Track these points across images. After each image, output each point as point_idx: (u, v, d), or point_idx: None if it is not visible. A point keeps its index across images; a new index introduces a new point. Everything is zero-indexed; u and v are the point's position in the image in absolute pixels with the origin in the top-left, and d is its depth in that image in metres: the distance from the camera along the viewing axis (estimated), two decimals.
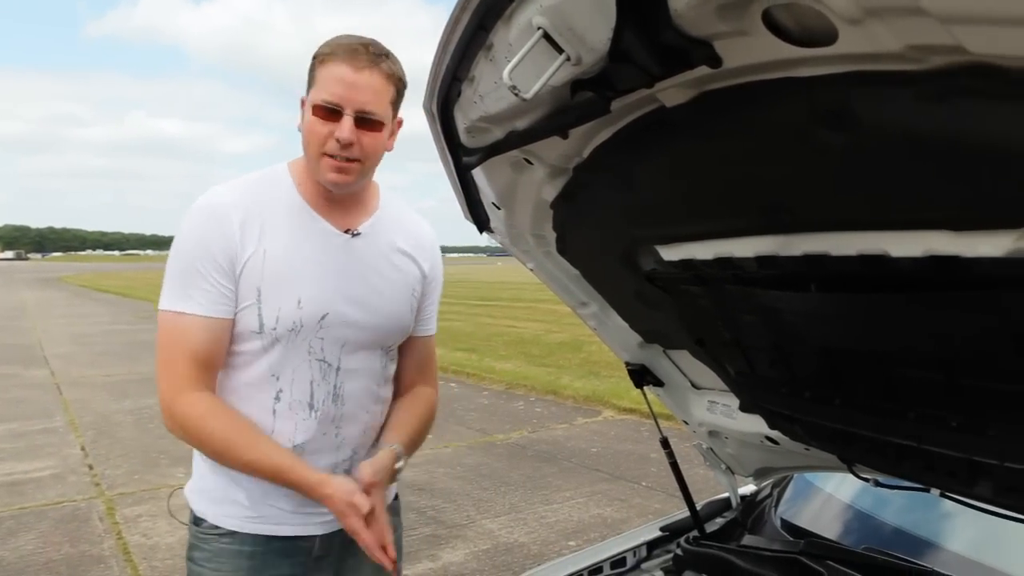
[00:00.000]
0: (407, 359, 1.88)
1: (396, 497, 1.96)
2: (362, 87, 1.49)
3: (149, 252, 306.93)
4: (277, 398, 1.64)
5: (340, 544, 1.89)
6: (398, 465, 1.74)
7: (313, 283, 1.61)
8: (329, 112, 1.49)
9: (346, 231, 1.65)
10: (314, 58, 1.53)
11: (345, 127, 1.49)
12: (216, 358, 1.59)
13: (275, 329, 1.59)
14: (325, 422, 1.69)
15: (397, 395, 1.89)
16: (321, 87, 1.49)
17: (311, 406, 1.67)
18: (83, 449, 7.06)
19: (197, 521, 1.73)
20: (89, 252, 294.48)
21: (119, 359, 13.02)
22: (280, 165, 1.68)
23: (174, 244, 1.60)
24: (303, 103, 1.57)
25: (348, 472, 1.70)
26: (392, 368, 1.81)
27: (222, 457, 1.61)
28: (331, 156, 1.52)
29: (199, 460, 1.76)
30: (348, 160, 1.53)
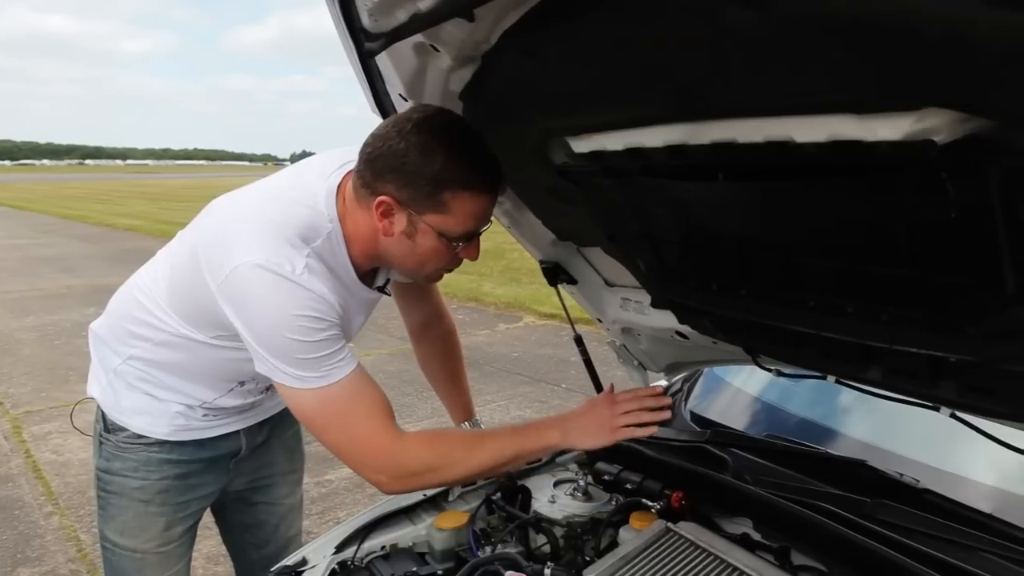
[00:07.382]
0: (414, 303, 2.01)
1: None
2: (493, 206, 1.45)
3: (45, 162, 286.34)
4: (231, 389, 1.65)
5: (259, 444, 1.90)
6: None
7: None
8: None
9: (377, 288, 1.60)
10: (440, 181, 1.31)
11: (477, 247, 1.46)
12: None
13: None
14: (260, 402, 1.77)
15: (425, 339, 2.10)
16: (459, 220, 1.36)
17: (251, 393, 1.71)
18: None
19: (113, 429, 1.67)
20: None
21: (18, 276, 12.35)
22: (330, 210, 1.42)
23: (290, 332, 1.34)
24: (394, 201, 1.36)
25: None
26: None
27: (456, 476, 1.50)
28: (449, 269, 1.51)
29: (115, 379, 1.67)
30: None
